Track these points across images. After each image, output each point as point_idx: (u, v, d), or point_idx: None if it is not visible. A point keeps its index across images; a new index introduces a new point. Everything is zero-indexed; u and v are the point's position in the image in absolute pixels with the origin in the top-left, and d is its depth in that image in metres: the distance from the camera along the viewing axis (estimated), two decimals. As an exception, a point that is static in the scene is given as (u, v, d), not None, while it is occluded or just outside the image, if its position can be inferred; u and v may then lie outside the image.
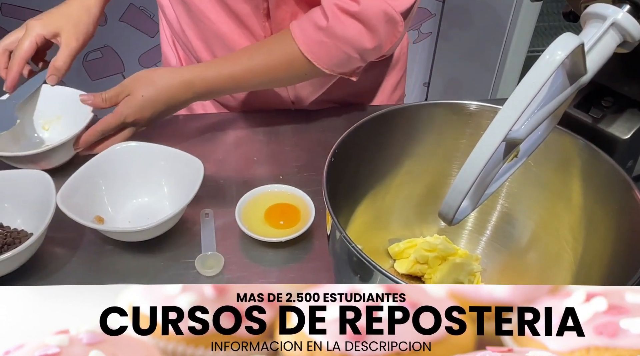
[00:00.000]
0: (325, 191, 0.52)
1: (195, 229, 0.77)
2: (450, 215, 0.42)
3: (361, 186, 0.64)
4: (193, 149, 0.79)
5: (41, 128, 0.91)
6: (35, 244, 0.68)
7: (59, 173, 0.79)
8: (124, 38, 1.89)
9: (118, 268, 0.72)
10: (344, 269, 0.51)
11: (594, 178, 0.57)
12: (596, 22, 0.46)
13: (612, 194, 0.55)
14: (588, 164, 0.58)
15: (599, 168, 0.56)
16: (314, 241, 0.75)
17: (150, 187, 0.80)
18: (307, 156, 0.89)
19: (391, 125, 0.63)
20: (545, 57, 0.38)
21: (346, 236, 0.47)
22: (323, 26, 0.73)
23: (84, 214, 0.71)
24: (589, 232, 0.58)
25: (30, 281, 0.70)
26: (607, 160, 0.55)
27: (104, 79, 2.01)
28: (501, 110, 0.39)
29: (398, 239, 0.71)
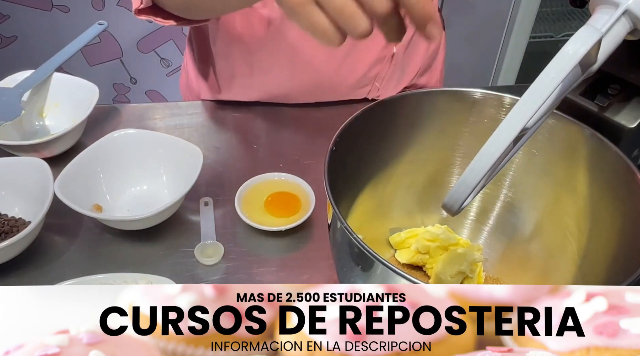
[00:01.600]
0: (326, 180, 0.51)
1: (194, 217, 0.76)
2: (456, 207, 0.41)
3: (362, 175, 0.63)
4: (192, 137, 0.78)
5: (38, 115, 0.90)
6: (33, 232, 0.67)
7: (57, 161, 0.79)
8: (121, 23, 1.87)
9: (117, 256, 0.72)
10: (345, 259, 0.51)
11: (600, 167, 0.56)
12: (607, 9, 0.45)
13: (617, 183, 0.54)
14: (593, 153, 0.57)
15: (605, 157, 0.55)
16: (315, 230, 0.75)
17: (149, 175, 0.79)
18: (307, 144, 0.89)
19: (393, 113, 0.62)
20: (568, 51, 0.38)
21: (347, 226, 0.47)
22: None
23: (82, 202, 0.71)
24: (594, 223, 0.57)
25: (28, 269, 0.69)
26: (613, 149, 0.55)
27: (102, 64, 2.00)
28: (520, 103, 0.38)
29: (399, 228, 0.70)
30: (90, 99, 0.85)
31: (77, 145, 0.84)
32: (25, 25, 1.88)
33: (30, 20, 1.86)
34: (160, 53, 2.00)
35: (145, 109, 0.96)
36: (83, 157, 0.75)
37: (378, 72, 0.93)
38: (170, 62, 2.02)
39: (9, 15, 1.85)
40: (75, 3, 1.84)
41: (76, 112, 0.86)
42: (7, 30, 1.89)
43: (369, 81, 0.94)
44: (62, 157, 0.81)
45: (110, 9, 1.86)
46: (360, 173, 0.63)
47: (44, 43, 1.88)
